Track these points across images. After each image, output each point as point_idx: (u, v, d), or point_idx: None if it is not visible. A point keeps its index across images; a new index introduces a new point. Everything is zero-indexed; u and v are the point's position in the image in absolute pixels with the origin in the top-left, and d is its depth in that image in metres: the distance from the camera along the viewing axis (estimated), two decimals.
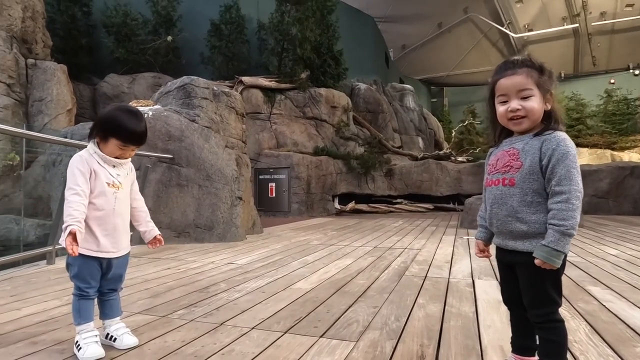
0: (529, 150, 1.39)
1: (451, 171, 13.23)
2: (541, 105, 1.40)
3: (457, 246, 5.30)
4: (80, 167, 1.80)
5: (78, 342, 1.80)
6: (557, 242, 1.30)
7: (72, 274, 1.84)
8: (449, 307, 2.56)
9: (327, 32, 14.28)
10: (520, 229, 1.40)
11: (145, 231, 2.04)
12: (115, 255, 1.89)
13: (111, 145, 1.85)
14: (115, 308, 1.97)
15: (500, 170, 1.47)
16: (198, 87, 6.47)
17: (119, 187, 1.90)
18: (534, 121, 1.41)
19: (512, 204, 1.41)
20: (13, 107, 9.06)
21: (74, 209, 1.72)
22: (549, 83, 1.40)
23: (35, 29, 10.34)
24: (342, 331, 2.13)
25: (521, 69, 1.40)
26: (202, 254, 4.73)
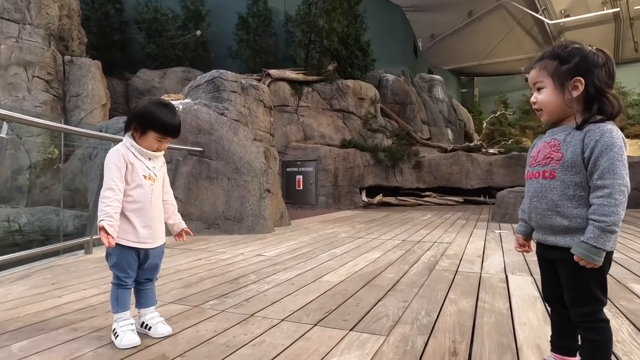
0: (571, 142, 1.32)
1: (482, 163, 12.90)
2: (555, 96, 1.34)
3: (488, 240, 5.17)
4: (116, 162, 1.85)
5: (115, 330, 1.86)
6: (597, 238, 1.23)
7: (111, 264, 1.90)
8: (481, 302, 2.50)
9: (355, 23, 14.11)
10: (561, 224, 1.33)
11: (174, 224, 2.10)
12: (152, 245, 1.94)
13: (150, 138, 1.89)
14: (150, 297, 2.02)
15: (540, 163, 1.40)
16: (227, 81, 6.54)
17: (154, 179, 1.95)
18: (551, 112, 1.38)
19: (553, 198, 1.35)
20: (52, 103, 9.43)
21: (106, 204, 1.79)
22: (573, 70, 1.30)
23: (72, 26, 10.69)
24: (372, 325, 2.11)
25: (539, 62, 1.38)
26: (231, 245, 4.80)
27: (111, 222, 1.77)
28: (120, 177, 1.84)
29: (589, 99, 1.31)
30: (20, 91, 9.11)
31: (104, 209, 1.78)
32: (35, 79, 9.28)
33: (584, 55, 1.31)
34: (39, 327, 2.10)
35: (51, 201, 8.20)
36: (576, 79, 1.31)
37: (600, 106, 1.29)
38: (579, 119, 1.32)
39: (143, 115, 1.88)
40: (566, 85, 1.32)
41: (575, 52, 1.32)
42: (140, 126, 1.89)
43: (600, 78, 1.30)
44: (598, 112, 1.30)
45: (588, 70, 1.30)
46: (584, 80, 1.30)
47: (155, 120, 1.87)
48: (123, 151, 1.88)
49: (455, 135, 19.72)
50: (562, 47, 1.36)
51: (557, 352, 1.49)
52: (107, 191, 1.81)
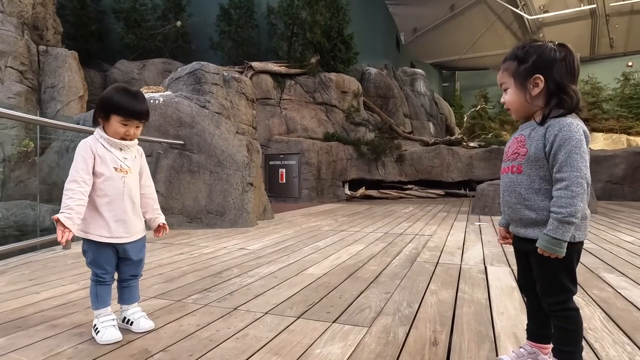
0: (534, 137, 1.37)
1: (463, 157, 13.10)
2: (518, 95, 1.41)
3: (468, 232, 5.27)
4: (83, 153, 1.80)
5: (96, 326, 1.84)
6: (556, 230, 1.28)
7: (88, 261, 1.87)
8: (461, 293, 2.56)
9: (338, 15, 14.07)
10: (529, 217, 1.38)
11: (151, 219, 2.04)
12: (128, 240, 1.89)
13: (114, 124, 1.84)
14: (134, 294, 1.99)
15: (510, 158, 1.46)
16: (208, 73, 6.46)
17: (127, 171, 1.89)
18: (517, 110, 1.44)
19: (521, 192, 1.40)
20: (26, 94, 9.15)
21: (68, 197, 1.73)
22: (531, 69, 1.36)
23: (46, 15, 10.36)
24: (354, 317, 2.14)
25: (503, 64, 1.45)
26: (214, 239, 4.77)
27: (70, 214, 1.70)
28: (86, 169, 1.78)
29: (550, 95, 1.36)
30: None
31: (66, 202, 1.72)
32: (8, 69, 8.98)
33: (540, 52, 1.36)
34: (17, 324, 2.06)
35: (27, 195, 7.98)
36: (535, 77, 1.36)
37: (559, 101, 1.34)
38: (539, 115, 1.38)
39: (105, 100, 1.84)
40: (526, 83, 1.37)
41: (532, 51, 1.37)
42: (102, 112, 1.84)
43: (559, 73, 1.34)
44: (557, 106, 1.34)
45: (546, 67, 1.35)
46: (543, 77, 1.35)
47: (115, 102, 1.81)
48: (91, 143, 1.83)
49: (437, 128, 19.94)
50: (520, 47, 1.41)
51: (532, 340, 1.54)
52: (70, 183, 1.75)
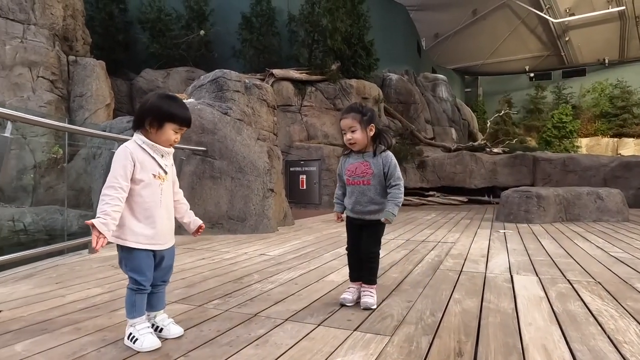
0: (375, 163, 2.38)
1: (486, 163, 12.85)
2: (363, 135, 2.35)
3: (493, 240, 5.15)
4: (123, 160, 1.78)
5: (132, 335, 1.80)
6: (394, 209, 2.35)
7: (128, 268, 1.83)
8: (486, 302, 2.48)
9: (358, 22, 14.08)
10: (374, 208, 2.39)
11: (189, 222, 2.05)
12: (164, 247, 1.89)
13: (168, 131, 1.84)
14: (162, 300, 1.99)
15: (359, 175, 2.41)
16: (230, 80, 6.54)
17: (164, 178, 1.89)
18: (361, 144, 2.37)
19: (370, 195, 2.39)
20: (56, 103, 9.47)
21: (105, 202, 1.71)
22: (369, 120, 2.35)
23: (76, 26, 10.73)
24: (376, 325, 2.10)
25: (349, 113, 2.37)
26: (235, 245, 4.80)
27: (105, 220, 1.68)
28: (125, 176, 1.77)
29: (375, 136, 2.40)
30: (25, 91, 9.15)
31: (102, 207, 1.70)
32: (40, 79, 9.32)
33: (371, 111, 2.40)
34: (43, 326, 2.10)
35: (55, 201, 8.23)
36: (371, 126, 2.37)
37: (382, 141, 2.43)
38: (373, 148, 2.41)
39: (158, 108, 1.83)
40: (367, 128, 2.35)
41: (367, 109, 2.39)
42: (156, 120, 1.82)
43: (379, 123, 2.46)
44: (383, 144, 2.42)
45: (375, 120, 2.40)
46: (374, 126, 2.38)
47: (172, 111, 1.83)
48: (132, 149, 1.81)
49: (459, 134, 19.66)
50: (360, 105, 2.42)
51: (354, 281, 2.51)
52: (107, 189, 1.74)
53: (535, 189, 7.92)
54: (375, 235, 2.42)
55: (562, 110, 27.40)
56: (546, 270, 3.41)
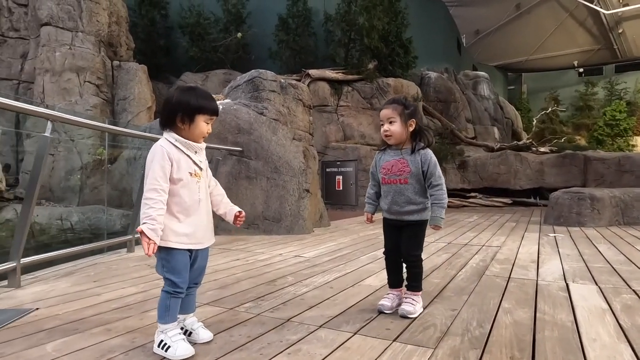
0: (413, 161, 2.21)
1: (532, 163, 12.21)
2: (402, 129, 2.20)
3: (543, 244, 4.80)
4: (160, 160, 1.70)
5: (164, 342, 1.71)
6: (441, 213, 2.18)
7: (166, 270, 1.74)
8: (540, 314, 2.25)
9: (396, 19, 13.79)
10: (413, 208, 2.23)
11: (226, 212, 1.93)
12: (203, 246, 1.82)
13: (200, 124, 1.77)
14: (192, 303, 1.91)
15: (396, 173, 2.24)
16: (266, 80, 6.51)
17: (200, 175, 1.81)
18: (398, 138, 2.22)
19: (408, 194, 2.23)
20: (101, 106, 9.84)
21: (149, 206, 1.65)
22: (411, 114, 2.20)
23: (120, 33, 11.12)
24: (417, 335, 1.93)
25: (391, 104, 2.23)
26: (270, 245, 4.73)
27: (153, 225, 1.63)
28: (164, 177, 1.69)
29: (415, 133, 2.24)
30: (73, 95, 9.56)
31: (147, 212, 1.64)
32: (87, 83, 9.72)
33: (414, 106, 2.25)
34: (75, 326, 2.08)
35: (100, 201, 8.53)
36: (412, 121, 2.21)
37: (422, 139, 2.27)
38: (411, 145, 2.24)
39: (186, 103, 1.74)
40: (407, 123, 2.20)
41: (411, 104, 2.23)
42: (187, 115, 1.74)
43: (420, 120, 2.13)
44: (423, 142, 2.26)
45: (417, 116, 2.25)
46: (414, 121, 2.22)
47: (199, 103, 1.75)
48: (167, 148, 1.73)
49: (502, 134, 18.86)
50: (403, 98, 2.27)
51: (394, 288, 2.35)
52: (150, 192, 1.67)
53: (588, 189, 7.40)
54: (416, 237, 2.25)
55: (615, 107, 25.73)
56: (606, 278, 3.10)
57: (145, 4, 14.03)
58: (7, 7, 10.35)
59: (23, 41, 10.38)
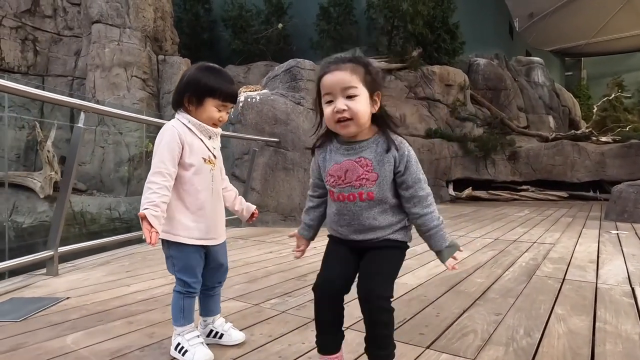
0: (380, 161, 1.30)
1: (592, 154, 11.31)
2: (368, 108, 1.28)
3: (603, 242, 4.36)
4: (169, 142, 1.52)
5: (181, 345, 1.58)
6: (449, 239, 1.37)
7: (177, 269, 1.60)
8: (600, 323, 1.97)
9: (442, 4, 13.17)
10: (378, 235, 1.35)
11: (242, 209, 1.79)
12: (217, 242, 1.66)
13: (209, 108, 1.58)
14: (218, 303, 1.78)
15: (351, 183, 1.32)
16: (304, 70, 6.38)
17: (214, 163, 1.64)
18: (361, 125, 1.28)
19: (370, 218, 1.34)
20: (147, 100, 10.15)
21: (152, 191, 1.46)
22: (376, 83, 1.30)
23: (165, 27, 11.40)
24: (454, 343, 1.73)
25: (346, 64, 1.27)
26: None
27: (156, 212, 1.43)
28: (172, 161, 1.52)
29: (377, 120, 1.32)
30: (121, 90, 9.92)
31: (149, 197, 1.45)
32: (134, 78, 10.05)
33: (378, 72, 1.33)
34: (99, 317, 2.06)
35: None
36: (378, 93, 1.30)
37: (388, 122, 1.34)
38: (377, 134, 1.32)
39: (196, 82, 1.57)
40: (372, 96, 1.29)
41: (374, 66, 1.31)
42: (195, 96, 1.57)
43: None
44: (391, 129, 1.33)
45: (382, 85, 1.36)
46: (380, 94, 1.31)
47: (212, 85, 1.56)
48: (179, 129, 1.56)
49: (558, 123, 17.67)
50: (360, 57, 1.34)
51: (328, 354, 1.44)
52: (155, 175, 1.48)
53: None
54: (389, 265, 1.33)
55: None
56: None
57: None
58: (62, 6, 10.88)
59: (76, 39, 10.88)
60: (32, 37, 10.46)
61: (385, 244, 1.33)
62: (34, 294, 2.47)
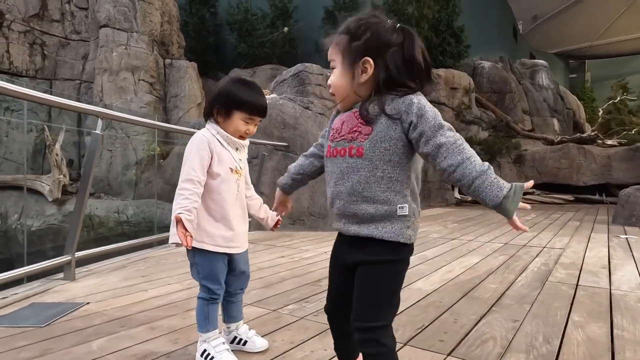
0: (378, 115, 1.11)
1: (597, 157, 11.30)
2: (345, 79, 1.12)
3: (613, 247, 4.36)
4: (200, 150, 1.57)
5: (207, 352, 1.61)
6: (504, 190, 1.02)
7: (202, 275, 1.63)
8: (618, 330, 1.99)
9: (447, 7, 13.22)
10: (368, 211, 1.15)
11: (266, 217, 1.83)
12: (240, 250, 1.70)
13: (236, 121, 1.62)
14: (240, 310, 1.81)
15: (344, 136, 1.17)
16: (312, 74, 6.42)
17: (241, 173, 1.69)
18: (342, 96, 1.15)
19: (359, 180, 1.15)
20: (154, 103, 10.21)
21: (184, 197, 1.51)
22: (362, 48, 1.07)
23: (172, 31, 11.48)
24: (474, 350, 1.75)
25: (334, 37, 1.14)
26: (315, 242, 4.64)
27: (190, 216, 1.47)
28: (202, 169, 1.56)
29: (377, 87, 1.09)
30: (129, 94, 9.99)
31: (182, 202, 1.49)
32: (141, 82, 10.12)
33: (376, 30, 1.08)
34: (121, 322, 2.09)
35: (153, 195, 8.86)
36: (365, 60, 1.07)
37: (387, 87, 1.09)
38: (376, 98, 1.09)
39: (225, 94, 1.61)
40: (355, 66, 1.09)
41: (369, 27, 1.08)
42: (223, 107, 1.62)
43: (394, 61, 1.07)
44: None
45: (378, 49, 1.07)
46: (372, 61, 1.07)
47: (240, 97, 1.60)
48: (209, 138, 1.60)
49: (563, 125, 17.65)
50: (356, 19, 1.12)
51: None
52: (186, 182, 1.53)
53: None
54: (375, 282, 1.12)
55: None
56: None
57: (195, 3, 14.39)
58: (69, 11, 10.97)
59: (84, 43, 10.98)
60: (40, 41, 10.56)
61: (375, 255, 1.11)
62: (53, 299, 2.50)
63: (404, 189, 1.12)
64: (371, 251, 1.12)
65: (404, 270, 1.16)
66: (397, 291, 1.14)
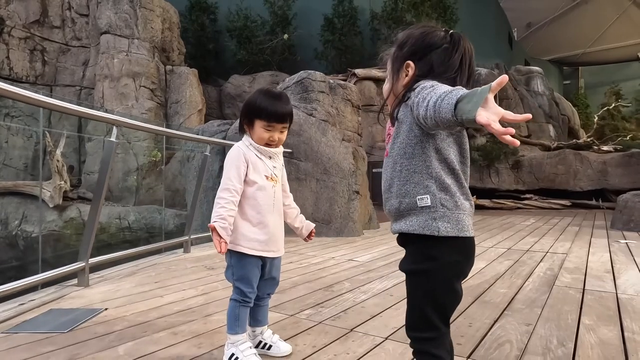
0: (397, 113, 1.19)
1: (594, 162, 11.45)
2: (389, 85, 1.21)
3: (614, 252, 4.44)
4: (236, 161, 1.69)
5: (235, 355, 1.65)
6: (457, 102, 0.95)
7: (236, 277, 1.70)
8: (629, 333, 2.05)
9: (444, 15, 13.41)
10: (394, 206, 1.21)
11: (301, 226, 1.88)
12: (276, 255, 1.76)
13: (258, 129, 1.70)
14: (266, 314, 1.87)
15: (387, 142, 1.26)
16: (315, 81, 6.48)
17: (276, 180, 1.77)
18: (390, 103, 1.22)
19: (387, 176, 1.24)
20: (155, 110, 10.25)
21: (221, 205, 1.62)
22: (406, 54, 1.15)
23: (172, 38, 11.54)
24: (493, 353, 1.80)
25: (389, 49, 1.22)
26: (321, 248, 4.69)
27: (224, 224, 1.59)
28: (238, 178, 1.67)
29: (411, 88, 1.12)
30: (130, 100, 10.02)
31: (218, 211, 1.61)
32: (142, 88, 10.15)
33: (420, 36, 1.14)
34: (143, 328, 2.12)
35: (155, 201, 8.87)
36: (407, 64, 1.14)
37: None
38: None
39: (248, 105, 1.72)
40: (400, 72, 1.15)
41: (412, 34, 1.16)
42: (246, 118, 1.72)
43: (437, 61, 1.11)
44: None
45: (420, 52, 1.13)
46: (413, 64, 1.13)
47: (257, 105, 1.68)
48: (244, 149, 1.72)
49: (558, 131, 17.85)
50: (405, 31, 1.20)
51: None
52: (223, 192, 1.65)
53: None
54: (412, 289, 1.18)
55: None
56: None
57: (195, 10, 14.47)
58: (70, 17, 11.01)
59: (84, 49, 11.01)
60: (40, 47, 10.58)
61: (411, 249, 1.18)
62: (70, 305, 2.53)
63: (423, 179, 1.11)
64: (408, 255, 1.20)
65: (442, 272, 1.12)
66: (439, 297, 1.12)
